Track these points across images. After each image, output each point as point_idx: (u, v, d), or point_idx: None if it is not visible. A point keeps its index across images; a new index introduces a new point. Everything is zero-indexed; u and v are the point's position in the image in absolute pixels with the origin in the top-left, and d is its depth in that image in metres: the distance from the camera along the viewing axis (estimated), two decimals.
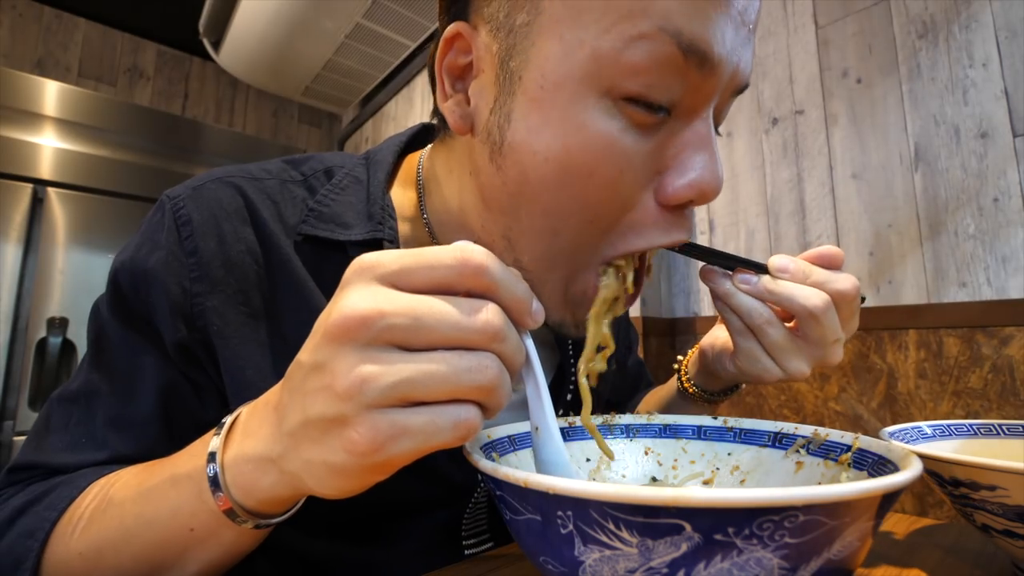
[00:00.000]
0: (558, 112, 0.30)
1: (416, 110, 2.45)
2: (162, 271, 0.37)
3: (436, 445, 0.22)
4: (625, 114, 0.30)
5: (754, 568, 0.20)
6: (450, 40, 0.35)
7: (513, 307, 0.25)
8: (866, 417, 1.06)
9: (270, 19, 2.03)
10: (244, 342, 0.37)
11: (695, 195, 0.31)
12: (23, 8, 2.27)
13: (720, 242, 1.37)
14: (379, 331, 0.22)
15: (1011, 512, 0.29)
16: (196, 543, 0.29)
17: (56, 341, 1.55)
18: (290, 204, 0.41)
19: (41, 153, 1.65)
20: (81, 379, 0.38)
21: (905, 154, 1.07)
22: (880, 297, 1.09)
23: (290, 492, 0.27)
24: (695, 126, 0.31)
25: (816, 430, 0.34)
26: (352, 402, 0.21)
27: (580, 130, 0.30)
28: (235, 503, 0.28)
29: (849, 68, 1.17)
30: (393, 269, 0.23)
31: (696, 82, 0.30)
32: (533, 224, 0.33)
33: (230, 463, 0.28)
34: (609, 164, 0.30)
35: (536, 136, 0.31)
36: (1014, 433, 0.41)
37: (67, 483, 0.34)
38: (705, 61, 0.29)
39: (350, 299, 0.22)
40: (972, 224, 0.98)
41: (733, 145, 1.37)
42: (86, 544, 0.31)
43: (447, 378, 0.22)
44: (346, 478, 0.23)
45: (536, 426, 0.30)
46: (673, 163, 0.31)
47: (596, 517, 0.20)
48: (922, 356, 1.01)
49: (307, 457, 0.24)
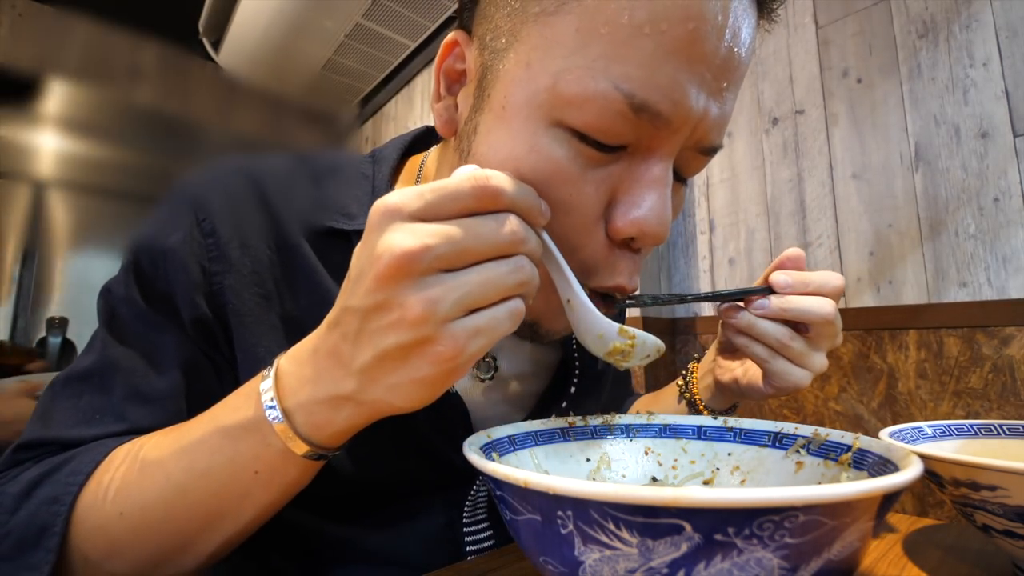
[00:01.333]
0: (514, 132, 0.32)
1: (416, 110, 2.45)
2: (181, 250, 0.38)
3: (501, 334, 0.27)
4: (573, 145, 0.31)
5: (754, 568, 0.20)
6: (450, 45, 0.37)
7: (528, 214, 0.28)
8: (866, 417, 1.06)
9: (270, 19, 2.03)
10: (257, 322, 0.39)
11: (636, 232, 0.32)
12: (23, 8, 2.27)
13: (720, 242, 1.37)
14: (429, 262, 0.25)
15: (1011, 512, 0.29)
16: (260, 485, 0.32)
17: (56, 341, 1.55)
18: (299, 196, 0.43)
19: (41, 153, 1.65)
20: (92, 359, 0.38)
21: (905, 154, 1.07)
22: (880, 297, 1.09)
23: (367, 419, 0.30)
24: (650, 165, 0.32)
25: (816, 430, 0.34)
26: (429, 324, 0.25)
27: (531, 152, 0.31)
28: (308, 441, 0.30)
29: (849, 68, 1.17)
30: (419, 206, 0.26)
31: (650, 132, 0.31)
32: None
33: (298, 408, 0.30)
34: (558, 187, 0.31)
35: (494, 151, 0.33)
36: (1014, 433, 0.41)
37: (87, 451, 0.34)
38: (658, 118, 0.30)
39: (391, 240, 0.25)
40: (972, 224, 0.98)
41: (733, 145, 1.37)
42: (127, 505, 0.32)
43: (496, 283, 0.26)
44: (432, 386, 0.27)
45: (567, 299, 0.33)
46: (623, 198, 0.32)
47: (596, 517, 0.20)
48: (922, 356, 1.01)
49: (392, 382, 0.27)
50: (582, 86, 0.29)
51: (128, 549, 0.32)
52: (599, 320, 0.33)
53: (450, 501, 0.44)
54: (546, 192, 0.31)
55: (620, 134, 0.30)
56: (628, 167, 0.32)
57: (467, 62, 0.36)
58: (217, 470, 0.31)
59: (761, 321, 0.39)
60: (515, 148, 0.32)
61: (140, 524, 0.32)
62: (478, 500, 0.45)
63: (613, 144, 0.31)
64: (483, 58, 0.34)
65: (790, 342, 0.39)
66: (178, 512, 0.32)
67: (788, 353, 0.40)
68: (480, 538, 0.45)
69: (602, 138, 0.30)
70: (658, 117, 0.30)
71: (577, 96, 0.30)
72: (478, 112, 0.34)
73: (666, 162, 0.32)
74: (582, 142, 0.31)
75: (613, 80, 0.29)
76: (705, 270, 1.40)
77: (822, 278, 0.39)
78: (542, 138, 0.31)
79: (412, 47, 2.25)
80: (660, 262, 1.47)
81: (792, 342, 0.39)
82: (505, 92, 0.32)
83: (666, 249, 1.49)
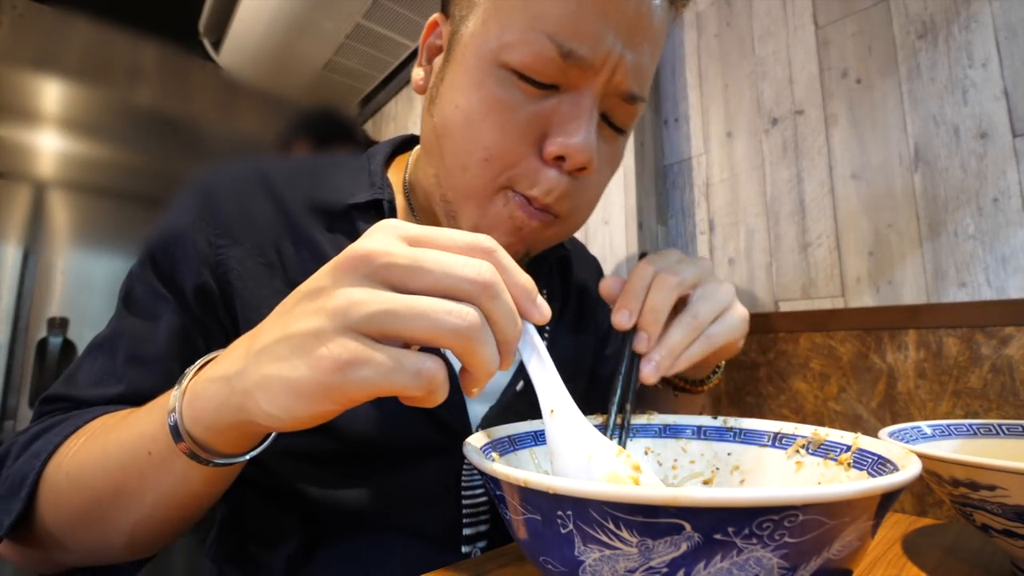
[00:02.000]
0: (469, 74, 0.40)
1: (416, 110, 2.45)
2: (190, 228, 0.44)
3: (395, 386, 0.23)
4: (514, 82, 0.39)
5: (754, 568, 0.20)
6: (431, 26, 0.47)
7: (517, 294, 0.27)
8: (866, 417, 1.07)
9: (270, 19, 2.03)
10: (261, 285, 0.44)
11: (563, 151, 0.39)
12: (23, 8, 2.26)
13: (720, 242, 1.37)
14: (379, 267, 0.24)
15: (1011, 512, 0.29)
16: (152, 469, 0.31)
17: (56, 341, 1.55)
18: (300, 180, 0.49)
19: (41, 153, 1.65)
20: (109, 328, 0.44)
21: (905, 154, 1.07)
22: (880, 297, 1.09)
23: (233, 417, 0.27)
24: (576, 100, 0.39)
25: (816, 430, 0.34)
26: (335, 320, 0.23)
27: (479, 87, 0.40)
28: (184, 431, 0.29)
29: (849, 68, 1.17)
30: (413, 233, 0.26)
31: (575, 72, 0.39)
32: (449, 162, 0.42)
33: (191, 387, 0.29)
34: (497, 114, 0.39)
35: (453, 90, 0.42)
36: (1014, 433, 0.41)
37: (78, 415, 0.38)
38: (581, 60, 0.38)
39: (363, 242, 0.25)
40: (972, 224, 0.98)
41: (733, 145, 1.37)
42: (73, 465, 0.34)
43: (426, 312, 0.23)
44: (298, 398, 0.24)
45: (551, 409, 0.29)
46: (554, 127, 0.40)
47: (596, 517, 0.20)
48: (922, 356, 1.01)
49: (266, 372, 0.25)
50: (522, 35, 0.38)
51: (63, 507, 0.34)
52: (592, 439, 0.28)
53: (446, 466, 0.46)
54: (487, 117, 0.39)
55: (551, 74, 0.38)
56: (559, 103, 0.40)
57: (443, 37, 0.45)
58: (128, 443, 0.32)
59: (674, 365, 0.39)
60: (468, 83, 0.40)
61: (74, 484, 0.33)
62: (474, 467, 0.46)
63: (546, 83, 0.39)
64: (452, 27, 0.43)
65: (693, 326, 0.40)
66: (99, 478, 0.33)
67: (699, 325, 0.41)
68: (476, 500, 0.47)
69: (537, 76, 0.39)
70: (582, 60, 0.38)
71: (517, 42, 0.38)
72: (445, 65, 0.43)
73: (590, 99, 0.40)
74: (521, 79, 0.39)
75: (545, 30, 0.37)
76: None
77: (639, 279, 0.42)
78: (489, 76, 0.39)
79: (412, 47, 2.25)
80: None
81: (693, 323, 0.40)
82: (465, 44, 0.41)
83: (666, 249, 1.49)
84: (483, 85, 0.39)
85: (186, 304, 0.43)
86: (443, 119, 0.42)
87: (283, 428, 0.26)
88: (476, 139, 0.40)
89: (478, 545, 0.46)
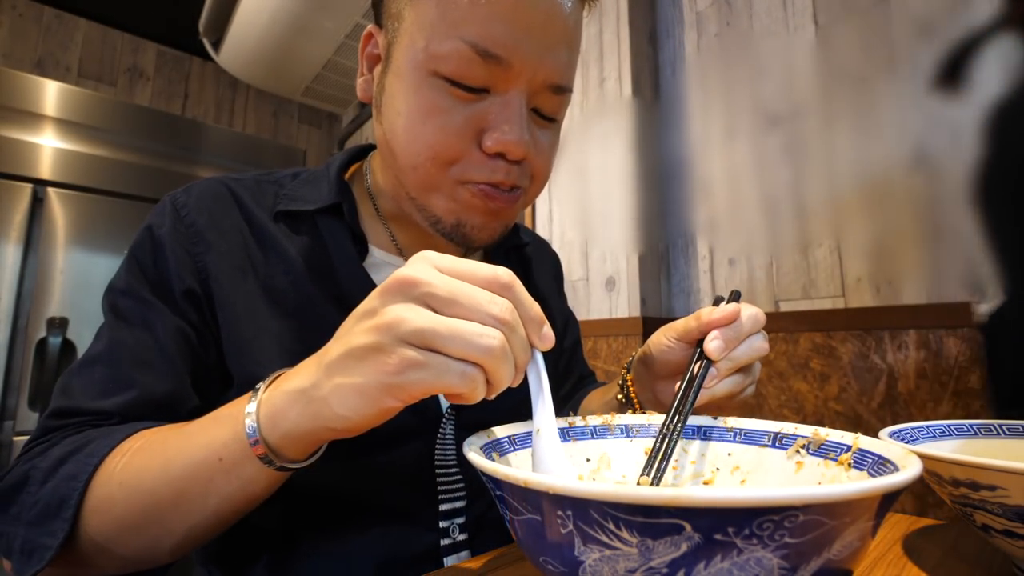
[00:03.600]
0: (405, 83, 0.44)
1: None
2: (169, 239, 0.46)
3: (446, 385, 0.28)
4: (446, 88, 0.42)
5: (754, 568, 0.20)
6: (367, 37, 0.50)
7: (528, 322, 0.31)
8: (866, 417, 1.06)
9: (270, 19, 2.03)
10: (235, 288, 0.46)
11: (501, 148, 0.43)
12: (23, 8, 2.27)
13: (720, 242, 1.37)
14: (422, 293, 0.28)
15: (1011, 512, 0.29)
16: (221, 474, 0.34)
17: (56, 341, 1.54)
18: (265, 194, 0.52)
19: (41, 153, 1.65)
20: (101, 343, 0.44)
21: (905, 154, 1.07)
22: (880, 297, 1.09)
23: (311, 423, 0.31)
24: (507, 99, 0.43)
25: (816, 430, 0.34)
26: (389, 333, 0.28)
27: (416, 95, 0.43)
28: (262, 439, 0.32)
29: (849, 68, 1.17)
30: (445, 263, 0.30)
31: (499, 73, 0.41)
32: (400, 163, 0.46)
33: (266, 399, 0.33)
34: (435, 117, 0.43)
35: (394, 99, 0.45)
36: (1014, 433, 0.41)
37: (106, 435, 0.38)
38: (501, 61, 0.41)
39: (407, 269, 0.29)
40: (972, 224, 0.98)
41: (733, 145, 1.37)
42: (128, 475, 0.35)
43: (462, 335, 0.28)
44: (367, 398, 0.29)
45: (538, 428, 0.33)
46: (490, 126, 0.43)
47: (596, 517, 0.20)
48: (922, 356, 1.01)
49: (339, 381, 0.29)
50: (444, 44, 0.41)
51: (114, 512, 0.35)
52: (561, 463, 0.32)
53: (419, 445, 0.48)
54: (427, 118, 0.43)
55: (478, 77, 0.41)
56: (490, 103, 0.43)
57: (380, 47, 0.48)
58: (196, 450, 0.34)
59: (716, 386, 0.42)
60: (406, 92, 0.44)
61: (133, 490, 0.35)
62: (447, 443, 0.49)
63: (475, 86, 0.42)
64: (387, 39, 0.47)
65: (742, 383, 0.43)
66: (160, 483, 0.34)
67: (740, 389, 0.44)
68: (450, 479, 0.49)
69: (466, 81, 0.42)
70: (500, 60, 0.41)
71: (441, 51, 0.41)
72: (384, 75, 0.47)
73: (519, 96, 0.43)
74: (452, 85, 0.42)
75: (464, 37, 0.40)
76: (705, 270, 1.40)
77: (750, 324, 0.42)
78: (423, 84, 0.42)
79: None
80: (660, 262, 1.47)
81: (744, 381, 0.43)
82: (400, 58, 0.44)
83: (666, 249, 1.49)
84: (419, 92, 0.43)
85: (177, 308, 0.45)
86: (390, 125, 0.46)
87: (352, 428, 0.31)
88: (420, 139, 0.43)
89: (456, 521, 0.48)
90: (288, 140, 3.00)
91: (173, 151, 1.96)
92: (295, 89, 2.61)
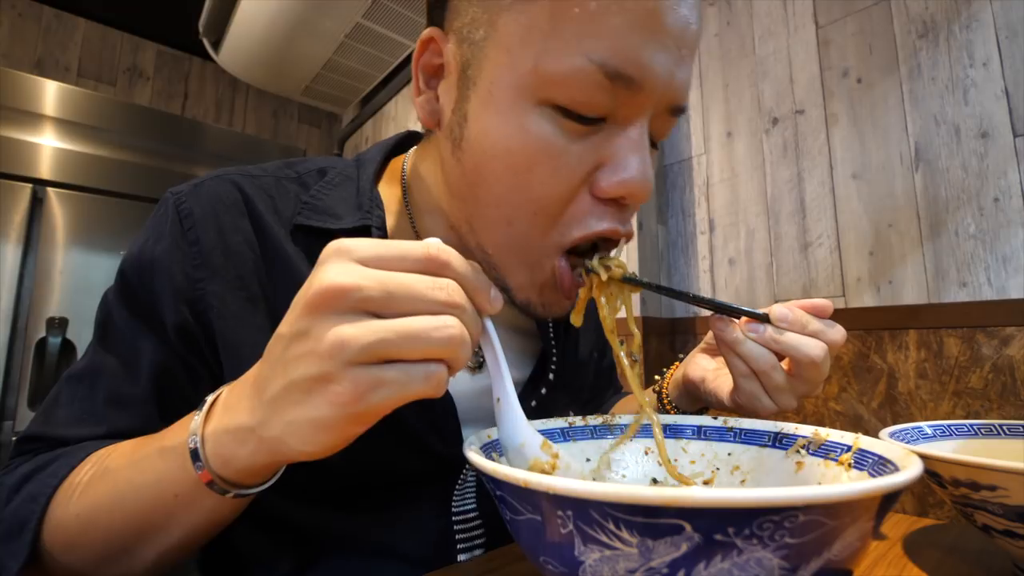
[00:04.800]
0: (503, 115, 0.35)
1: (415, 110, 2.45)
2: (166, 259, 0.40)
3: (412, 394, 0.25)
4: (559, 121, 0.34)
5: (754, 568, 0.20)
6: (425, 42, 0.39)
7: (473, 294, 0.28)
8: (866, 417, 1.06)
9: (270, 19, 2.03)
10: (242, 324, 0.40)
11: (624, 192, 0.35)
12: (23, 8, 2.27)
13: (720, 242, 1.37)
14: (355, 301, 0.25)
15: (1011, 512, 0.29)
16: (180, 508, 0.32)
17: (56, 341, 1.54)
18: (285, 198, 0.45)
19: (41, 153, 1.65)
20: (87, 360, 0.41)
21: (905, 154, 1.07)
22: (880, 297, 1.09)
23: (268, 459, 0.29)
24: (629, 132, 0.35)
25: (816, 430, 0.34)
26: (334, 360, 0.24)
27: (520, 132, 0.34)
28: (214, 474, 0.30)
29: (849, 68, 1.17)
30: (368, 254, 0.26)
31: (626, 98, 0.33)
32: (489, 213, 0.37)
33: (210, 436, 0.30)
34: (545, 162, 0.34)
35: (485, 136, 0.35)
36: (1014, 433, 0.41)
37: (68, 454, 0.37)
38: (632, 83, 0.33)
39: (328, 274, 0.25)
40: (972, 224, 0.98)
41: (733, 145, 1.37)
42: (82, 507, 0.33)
43: (418, 335, 0.25)
44: (329, 431, 0.26)
45: (498, 397, 0.32)
46: (608, 163, 0.35)
47: (596, 517, 0.20)
48: (922, 356, 1.01)
49: (290, 419, 0.26)
50: (561, 64, 0.32)
51: (80, 547, 0.34)
52: (524, 429, 0.32)
53: (438, 491, 0.45)
54: (534, 167, 0.34)
55: (599, 104, 0.33)
56: (608, 136, 0.35)
57: (444, 56, 0.39)
58: (147, 487, 0.32)
59: (748, 342, 0.39)
60: (505, 128, 0.35)
61: (88, 526, 0.33)
62: (466, 490, 0.46)
63: (593, 116, 0.34)
64: (462, 50, 0.37)
65: (771, 371, 0.39)
66: (117, 519, 0.33)
67: (765, 380, 0.39)
68: (469, 527, 0.46)
69: (584, 111, 0.33)
70: (631, 82, 0.33)
71: (558, 73, 0.33)
72: (465, 101, 0.37)
73: (643, 126, 0.35)
74: (566, 117, 0.34)
75: (588, 54, 0.32)
76: (705, 270, 1.40)
77: (824, 324, 0.39)
78: (529, 117, 0.34)
79: (412, 47, 2.25)
80: (660, 262, 1.47)
81: (773, 372, 0.39)
82: (490, 79, 0.35)
83: (666, 249, 1.49)
84: (524, 129, 0.34)
85: (166, 340, 0.40)
86: (476, 167, 0.36)
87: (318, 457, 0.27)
88: (525, 192, 0.35)
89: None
90: (288, 140, 3.00)
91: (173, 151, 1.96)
92: (295, 89, 2.61)
